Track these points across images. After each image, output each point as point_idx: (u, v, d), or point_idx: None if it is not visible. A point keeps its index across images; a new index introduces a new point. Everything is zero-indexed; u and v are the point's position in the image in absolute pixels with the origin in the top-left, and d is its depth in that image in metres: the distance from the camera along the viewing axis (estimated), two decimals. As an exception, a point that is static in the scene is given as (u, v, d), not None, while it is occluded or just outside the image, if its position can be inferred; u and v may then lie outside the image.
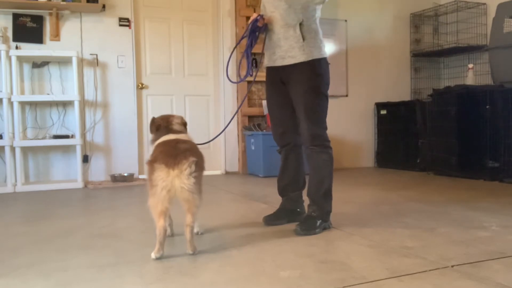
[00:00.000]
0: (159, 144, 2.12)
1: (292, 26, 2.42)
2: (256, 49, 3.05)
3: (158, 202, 1.90)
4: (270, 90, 2.62)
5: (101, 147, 4.76)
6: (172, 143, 2.05)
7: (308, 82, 2.39)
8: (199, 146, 2.20)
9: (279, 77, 2.53)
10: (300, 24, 2.40)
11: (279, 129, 2.60)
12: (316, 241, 2.23)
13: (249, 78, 2.74)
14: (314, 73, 2.41)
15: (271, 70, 2.58)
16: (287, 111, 2.55)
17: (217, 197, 3.66)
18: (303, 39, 2.40)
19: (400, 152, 5.52)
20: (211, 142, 5.31)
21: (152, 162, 1.97)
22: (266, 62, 2.61)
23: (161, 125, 2.27)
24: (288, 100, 2.52)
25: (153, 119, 2.31)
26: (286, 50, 2.44)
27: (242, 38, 2.57)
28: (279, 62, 2.49)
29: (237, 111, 2.91)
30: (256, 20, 2.46)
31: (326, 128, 2.47)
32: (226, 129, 5.25)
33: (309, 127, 2.41)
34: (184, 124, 2.35)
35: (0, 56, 4.21)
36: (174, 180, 1.89)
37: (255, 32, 2.49)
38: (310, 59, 2.41)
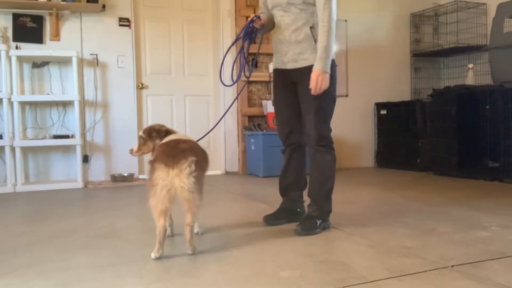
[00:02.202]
0: (161, 144, 2.14)
1: (303, 29, 2.41)
2: (257, 48, 3.00)
3: (158, 202, 1.91)
4: (279, 90, 2.62)
5: (101, 147, 4.77)
6: (172, 143, 2.06)
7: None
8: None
9: (289, 78, 2.53)
10: (311, 28, 2.41)
11: (286, 128, 2.61)
12: (316, 241, 2.23)
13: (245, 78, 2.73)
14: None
15: (280, 72, 2.58)
16: (295, 111, 2.56)
17: (217, 197, 3.66)
18: (315, 42, 2.40)
19: (400, 152, 5.52)
20: (211, 142, 5.32)
21: (152, 161, 1.99)
22: (275, 64, 2.60)
23: (166, 130, 2.30)
24: (297, 99, 2.53)
25: (157, 128, 2.32)
26: (298, 53, 2.44)
27: (237, 39, 2.55)
28: (291, 65, 2.49)
29: (228, 109, 2.88)
30: (252, 21, 2.47)
31: (331, 130, 2.49)
32: (226, 129, 5.31)
33: (317, 128, 2.42)
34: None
35: (0, 56, 4.22)
36: (174, 179, 1.90)
37: (252, 33, 2.50)
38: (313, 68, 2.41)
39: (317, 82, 2.32)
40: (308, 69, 2.42)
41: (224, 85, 2.65)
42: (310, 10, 2.42)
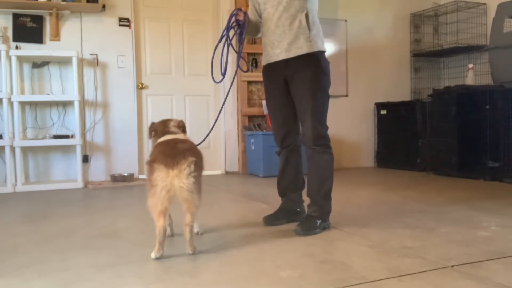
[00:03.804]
0: (158, 144, 2.12)
1: (297, 17, 2.39)
2: (256, 48, 3.02)
3: (157, 202, 1.90)
4: (271, 91, 2.58)
5: (101, 147, 4.77)
6: (171, 143, 2.05)
7: (316, 81, 2.37)
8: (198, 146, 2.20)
9: (283, 76, 2.47)
10: (306, 15, 2.39)
11: (282, 131, 2.58)
12: (316, 241, 2.23)
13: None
14: (321, 71, 2.40)
15: (272, 68, 2.52)
16: (290, 112, 2.53)
17: (217, 197, 3.66)
18: (309, 31, 2.39)
19: (400, 152, 5.51)
20: (211, 142, 5.32)
21: (151, 162, 1.98)
22: (265, 59, 2.55)
23: (157, 129, 2.28)
24: (290, 100, 2.50)
25: (152, 124, 2.32)
26: (291, 42, 2.40)
27: (222, 37, 2.51)
28: (283, 56, 2.43)
29: (221, 107, 2.87)
30: (233, 15, 2.47)
31: (327, 128, 2.47)
32: (226, 129, 5.31)
33: (314, 127, 2.39)
34: (181, 127, 2.32)
35: (0, 56, 4.22)
36: (174, 180, 1.89)
37: (239, 27, 2.48)
38: (315, 50, 2.40)
39: None
40: (302, 59, 2.39)
41: (215, 81, 2.61)
42: None
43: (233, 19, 2.51)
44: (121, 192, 4.01)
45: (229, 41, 2.50)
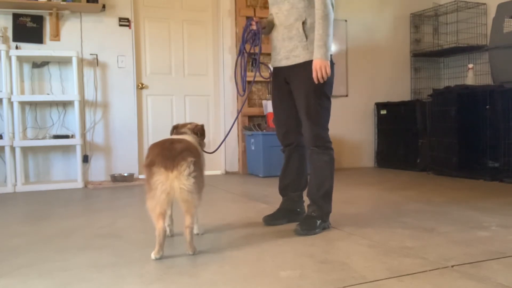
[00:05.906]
0: (154, 146, 2.04)
1: (295, 25, 2.41)
2: (256, 49, 3.03)
3: (156, 205, 1.89)
4: (275, 90, 2.64)
5: (101, 147, 4.76)
6: (166, 143, 2.00)
7: (311, 82, 2.38)
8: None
9: (284, 77, 2.53)
10: (303, 23, 2.40)
11: (282, 128, 2.61)
12: (316, 241, 2.23)
13: (247, 78, 2.76)
14: None
15: (276, 70, 2.60)
16: (291, 111, 2.55)
17: (217, 197, 3.66)
18: (306, 38, 2.40)
19: (400, 152, 5.52)
20: (210, 142, 5.32)
21: (150, 165, 1.93)
22: (272, 62, 2.63)
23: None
24: (292, 100, 2.53)
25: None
26: (290, 50, 2.45)
27: (241, 51, 2.59)
28: (284, 63, 2.50)
29: (237, 116, 2.90)
30: (248, 25, 2.50)
31: (328, 129, 2.47)
32: (226, 129, 5.30)
33: (311, 128, 2.41)
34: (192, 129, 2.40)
35: (0, 56, 4.22)
36: (173, 182, 1.88)
37: (256, 35, 2.52)
38: (312, 58, 2.40)
39: (317, 70, 2.31)
40: (300, 67, 2.41)
41: (240, 94, 2.70)
42: (302, 5, 2.40)
43: (247, 30, 2.54)
44: (121, 192, 4.01)
45: (246, 55, 2.59)
